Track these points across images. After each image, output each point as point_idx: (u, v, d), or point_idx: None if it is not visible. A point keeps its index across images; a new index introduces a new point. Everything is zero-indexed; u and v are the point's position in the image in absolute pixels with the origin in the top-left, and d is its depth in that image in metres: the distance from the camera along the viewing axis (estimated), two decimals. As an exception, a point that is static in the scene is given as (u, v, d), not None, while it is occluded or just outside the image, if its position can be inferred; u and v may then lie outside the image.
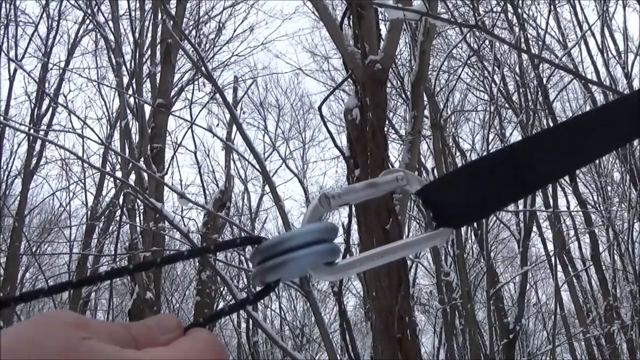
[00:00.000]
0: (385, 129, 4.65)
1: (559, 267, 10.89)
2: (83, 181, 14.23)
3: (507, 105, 11.88)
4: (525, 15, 10.92)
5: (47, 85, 12.44)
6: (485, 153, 10.11)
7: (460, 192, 0.51)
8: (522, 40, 10.09)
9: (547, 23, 10.67)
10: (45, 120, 12.69)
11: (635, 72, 11.17)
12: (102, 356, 0.34)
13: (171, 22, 6.70)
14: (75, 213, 15.28)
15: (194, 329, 0.40)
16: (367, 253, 0.48)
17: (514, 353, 10.25)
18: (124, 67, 9.88)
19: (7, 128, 11.14)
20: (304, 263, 0.45)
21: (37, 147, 12.35)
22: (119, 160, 10.69)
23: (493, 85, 10.45)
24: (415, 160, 4.75)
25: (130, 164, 8.60)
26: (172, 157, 11.38)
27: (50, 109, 12.67)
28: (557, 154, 0.53)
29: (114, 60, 10.08)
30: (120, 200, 9.61)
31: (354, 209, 4.40)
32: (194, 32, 11.93)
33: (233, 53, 13.38)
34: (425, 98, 6.32)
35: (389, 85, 8.26)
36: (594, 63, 11.52)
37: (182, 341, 0.38)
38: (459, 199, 0.51)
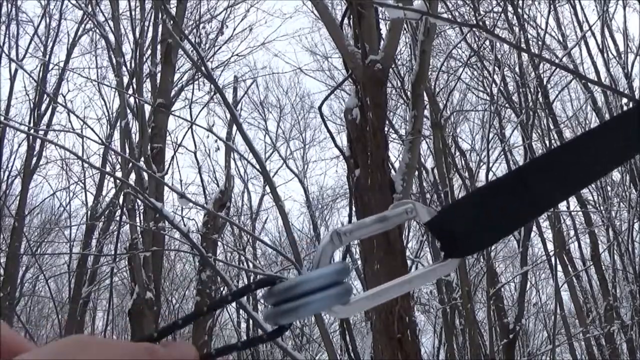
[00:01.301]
0: (385, 128, 4.65)
1: (559, 267, 10.89)
2: (83, 181, 14.24)
3: (507, 105, 11.88)
4: (525, 16, 10.92)
5: (46, 85, 12.44)
6: (485, 153, 10.04)
7: (469, 220, 0.51)
8: (522, 40, 10.09)
9: (547, 23, 10.68)
10: (45, 120, 12.69)
11: (635, 72, 11.18)
12: None
13: (171, 22, 6.70)
14: (75, 213, 15.29)
15: None
16: (376, 289, 0.50)
17: (514, 353, 10.25)
18: (124, 67, 9.88)
19: (7, 128, 11.14)
20: (317, 307, 0.46)
21: (37, 147, 12.36)
22: (119, 160, 10.69)
23: (493, 85, 10.45)
24: (415, 160, 4.74)
25: (131, 164, 8.60)
26: (172, 157, 11.39)
27: (50, 108, 12.67)
28: (566, 172, 0.52)
29: (114, 60, 10.08)
30: (120, 200, 9.61)
31: (354, 209, 4.39)
32: (194, 32, 11.92)
33: (233, 53, 13.39)
34: (425, 98, 6.31)
35: (389, 85, 8.26)
36: (594, 63, 11.52)
37: None
38: (468, 227, 0.51)
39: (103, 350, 0.35)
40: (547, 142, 10.75)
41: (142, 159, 8.66)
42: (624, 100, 10.78)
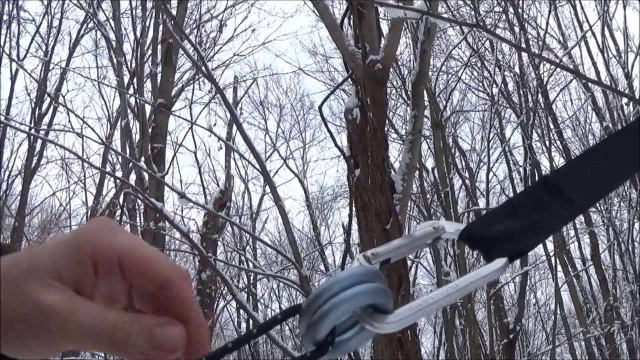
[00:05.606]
0: (385, 128, 4.65)
1: (559, 267, 10.89)
2: (83, 181, 14.23)
3: (507, 105, 11.88)
4: (525, 16, 10.92)
5: (47, 84, 12.44)
6: (485, 153, 10.05)
7: (505, 225, 0.49)
8: (523, 40, 10.09)
9: (547, 23, 10.67)
10: (46, 119, 12.69)
11: (635, 72, 11.18)
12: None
13: (172, 22, 6.70)
14: (75, 213, 15.27)
15: None
16: (423, 301, 0.43)
17: (514, 353, 10.25)
18: (124, 67, 9.89)
19: (8, 128, 11.14)
20: (349, 305, 0.40)
21: (38, 146, 12.36)
22: (120, 160, 10.69)
23: (493, 85, 10.46)
24: (415, 160, 4.75)
25: (131, 164, 8.60)
26: (173, 157, 11.37)
27: (51, 108, 12.67)
28: (596, 173, 0.52)
29: (114, 60, 10.09)
30: (121, 200, 9.61)
31: (354, 209, 4.40)
32: (195, 32, 11.92)
33: (234, 53, 13.38)
34: (425, 98, 6.32)
35: (389, 85, 8.27)
36: (594, 63, 11.52)
37: None
38: (505, 230, 0.49)
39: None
40: (547, 142, 10.75)
41: (143, 158, 8.67)
42: (624, 100, 10.79)
